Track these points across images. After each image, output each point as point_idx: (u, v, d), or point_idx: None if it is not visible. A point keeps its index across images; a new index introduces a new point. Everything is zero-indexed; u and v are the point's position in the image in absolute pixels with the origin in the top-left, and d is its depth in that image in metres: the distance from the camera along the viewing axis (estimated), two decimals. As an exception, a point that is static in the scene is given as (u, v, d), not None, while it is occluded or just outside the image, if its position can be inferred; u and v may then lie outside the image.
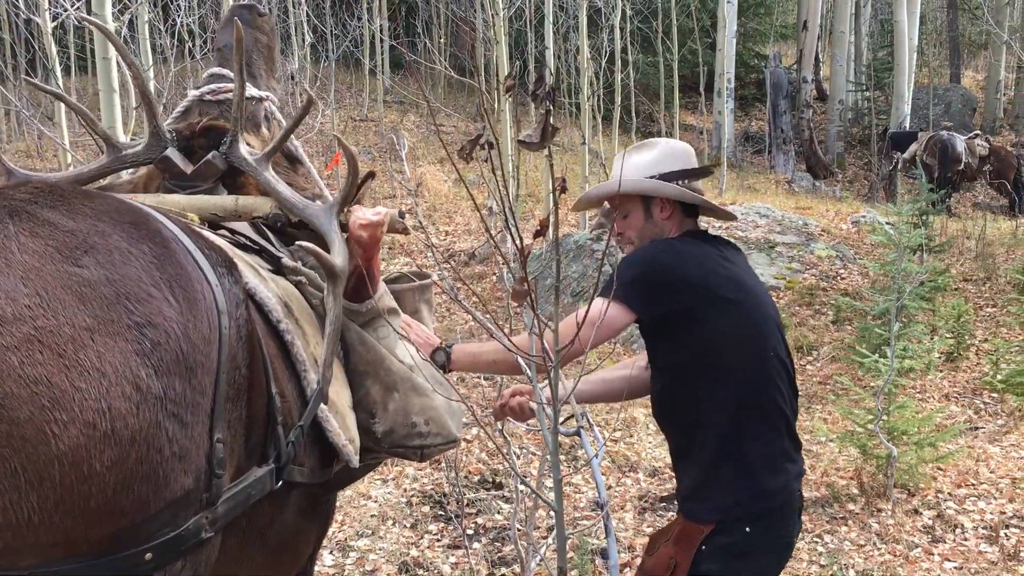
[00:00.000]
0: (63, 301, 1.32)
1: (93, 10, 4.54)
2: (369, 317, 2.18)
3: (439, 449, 2.24)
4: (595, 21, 12.83)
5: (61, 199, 1.49)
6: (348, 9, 16.30)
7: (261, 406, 1.72)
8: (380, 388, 2.14)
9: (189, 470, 1.44)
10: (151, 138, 2.14)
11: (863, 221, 11.03)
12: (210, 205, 2.09)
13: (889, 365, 4.98)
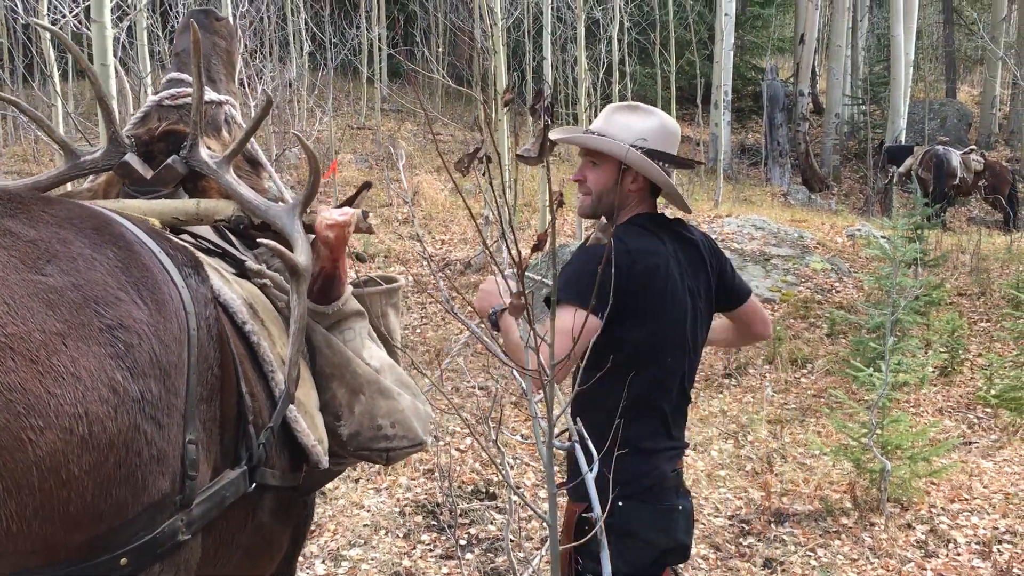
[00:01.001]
0: (31, 308, 1.31)
1: (92, 16, 4.55)
2: (335, 319, 2.18)
3: (405, 452, 2.24)
4: (593, 32, 12.88)
5: (21, 207, 1.48)
6: (347, 17, 16.34)
7: (232, 405, 1.72)
8: (346, 391, 2.14)
9: (166, 472, 1.44)
10: (110, 144, 2.13)
11: (858, 234, 11.06)
12: (171, 209, 2.07)
13: (883, 379, 4.99)
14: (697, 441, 5.91)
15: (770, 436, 6.07)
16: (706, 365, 7.74)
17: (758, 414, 6.45)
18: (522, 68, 14.08)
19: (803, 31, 18.74)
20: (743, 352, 7.82)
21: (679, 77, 15.51)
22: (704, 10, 19.29)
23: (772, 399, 6.88)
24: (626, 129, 2.32)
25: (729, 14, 16.64)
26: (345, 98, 18.19)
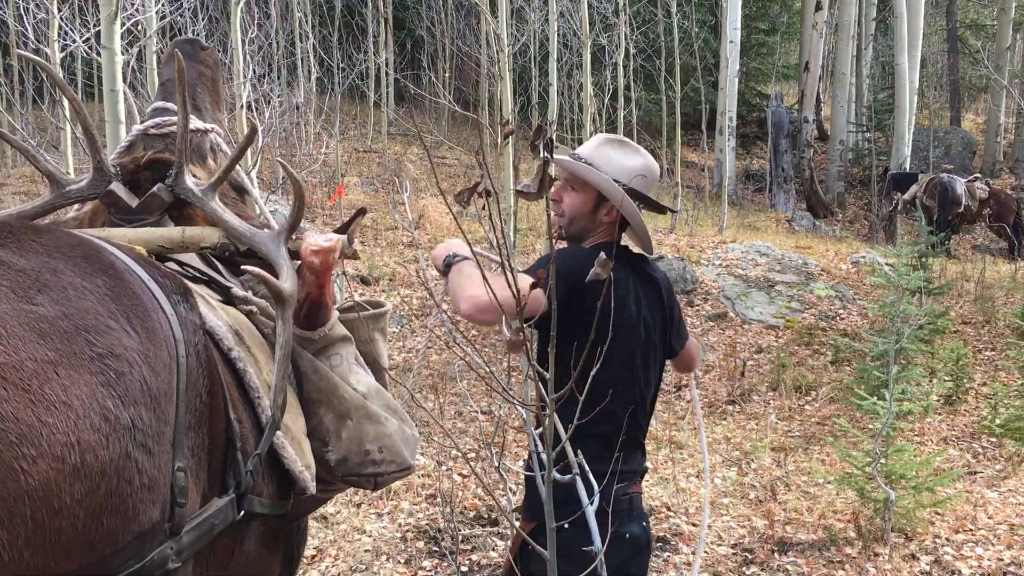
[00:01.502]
0: (22, 337, 1.31)
1: (102, 42, 4.59)
2: (322, 345, 2.18)
3: (393, 477, 2.23)
4: (599, 59, 12.95)
5: (11, 236, 1.48)
6: (355, 42, 16.46)
7: (220, 432, 1.72)
8: (333, 416, 2.13)
9: (156, 500, 1.44)
10: (95, 173, 2.14)
11: (863, 261, 11.06)
12: (157, 237, 2.08)
13: (887, 408, 4.97)
14: (700, 468, 5.89)
15: (774, 464, 6.04)
16: (709, 392, 7.73)
17: (762, 441, 6.43)
18: (528, 93, 14.16)
19: (808, 58, 18.83)
20: (747, 379, 7.80)
21: (684, 103, 15.57)
22: (709, 37, 19.41)
23: (776, 426, 6.86)
24: (613, 164, 2.36)
25: (734, 41, 16.74)
26: (352, 121, 18.30)
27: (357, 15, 17.54)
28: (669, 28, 15.08)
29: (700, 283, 9.91)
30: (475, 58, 16.10)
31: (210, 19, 10.99)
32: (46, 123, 12.55)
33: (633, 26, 13.96)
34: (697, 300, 9.59)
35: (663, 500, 5.35)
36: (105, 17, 4.46)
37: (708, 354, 8.51)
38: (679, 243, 11.85)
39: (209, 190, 2.09)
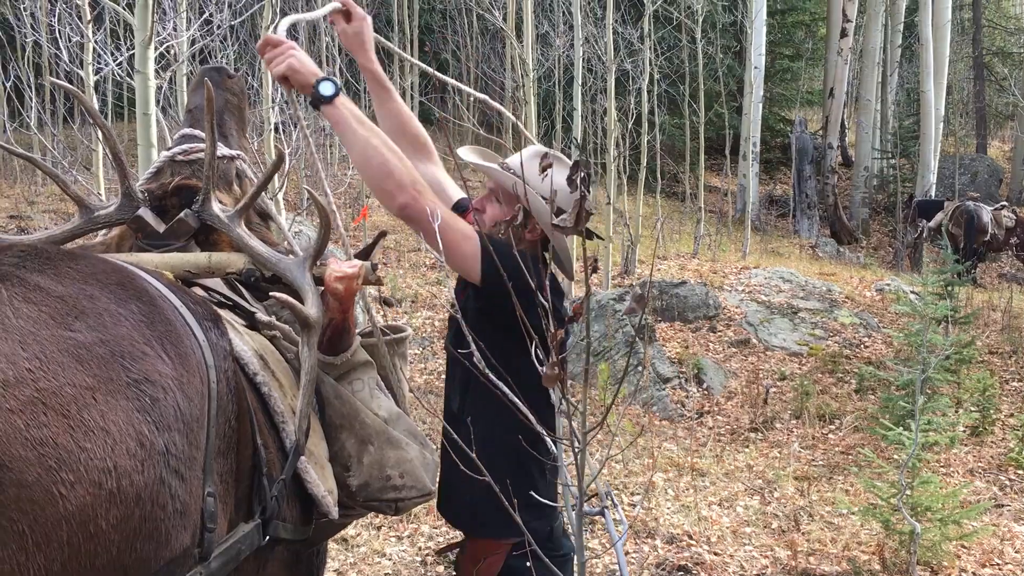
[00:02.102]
0: (62, 363, 1.33)
1: (136, 67, 4.67)
2: (344, 370, 2.20)
3: (413, 502, 2.22)
4: (623, 83, 13.00)
5: (48, 262, 1.51)
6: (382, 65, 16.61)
7: (248, 457, 1.74)
8: (355, 441, 2.14)
9: (188, 526, 1.45)
10: (123, 198, 2.16)
11: (887, 289, 10.98)
12: (183, 262, 2.10)
13: (913, 439, 4.92)
14: (723, 496, 5.85)
15: (797, 493, 5.98)
16: (732, 418, 7.68)
17: (785, 470, 6.38)
18: (552, 118, 14.23)
19: (832, 84, 18.82)
20: (770, 406, 7.75)
21: (707, 128, 15.59)
22: (734, 63, 19.44)
23: (799, 455, 6.80)
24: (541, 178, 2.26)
25: (758, 67, 16.76)
26: (376, 143, 18.43)
27: (384, 38, 17.69)
28: (693, 54, 15.13)
29: (723, 309, 9.88)
30: (500, 82, 16.21)
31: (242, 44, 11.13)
32: (76, 142, 12.74)
33: (658, 51, 14.02)
34: (720, 326, 9.55)
35: (684, 528, 5.31)
36: (139, 42, 4.54)
37: (730, 380, 8.47)
38: (702, 268, 11.83)
39: (235, 216, 2.11)
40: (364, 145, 2.08)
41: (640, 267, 12.14)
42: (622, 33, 12.77)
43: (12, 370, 1.28)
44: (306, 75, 2.11)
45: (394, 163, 2.07)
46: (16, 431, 1.24)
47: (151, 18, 4.50)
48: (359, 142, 2.09)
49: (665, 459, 6.50)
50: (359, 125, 2.10)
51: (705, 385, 8.27)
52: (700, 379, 8.34)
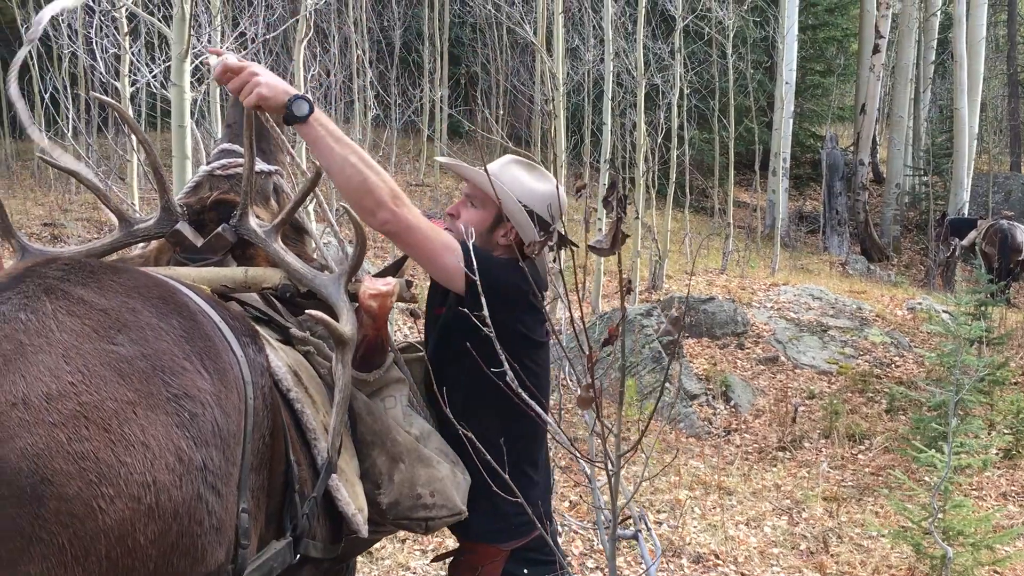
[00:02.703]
0: (104, 377, 1.34)
1: (172, 79, 4.73)
2: (377, 387, 2.19)
3: (444, 522, 2.21)
4: (652, 98, 12.99)
5: (91, 276, 1.53)
6: (410, 77, 16.72)
7: (280, 474, 1.74)
8: (386, 459, 2.13)
9: (223, 542, 1.45)
10: (163, 212, 2.18)
11: (919, 308, 10.85)
12: (220, 277, 2.11)
13: (946, 462, 4.84)
14: (750, 516, 5.79)
15: (826, 514, 5.91)
16: (760, 436, 7.61)
17: (813, 490, 6.30)
18: (581, 132, 14.23)
19: (864, 101, 18.68)
20: (798, 425, 7.67)
21: (737, 143, 15.53)
22: (764, 79, 19.36)
23: (828, 475, 6.72)
24: (519, 184, 2.27)
25: (789, 82, 16.68)
26: (405, 155, 18.54)
27: (414, 51, 17.83)
28: (724, 69, 15.09)
29: (751, 325, 9.80)
30: (528, 95, 16.25)
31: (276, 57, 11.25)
32: (110, 151, 12.90)
33: (688, 66, 13.99)
34: (748, 343, 9.47)
35: (711, 548, 5.26)
36: (176, 55, 4.60)
37: (758, 398, 8.39)
38: (730, 284, 11.76)
39: (272, 232, 2.12)
40: (342, 164, 2.03)
41: (668, 282, 12.09)
42: (652, 48, 12.77)
43: (55, 383, 1.29)
44: (277, 98, 2.02)
45: (373, 180, 2.03)
46: (58, 445, 1.25)
47: (188, 32, 4.55)
48: (336, 161, 2.03)
49: (692, 477, 6.45)
50: (336, 143, 2.04)
51: (733, 402, 8.21)
52: (728, 396, 8.28)
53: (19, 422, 1.25)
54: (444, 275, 2.14)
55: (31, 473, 1.23)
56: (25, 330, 1.35)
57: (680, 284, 11.96)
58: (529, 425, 2.15)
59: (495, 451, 1.89)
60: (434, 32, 17.48)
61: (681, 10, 12.05)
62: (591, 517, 5.53)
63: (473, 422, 1.97)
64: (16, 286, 1.43)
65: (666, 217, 13.42)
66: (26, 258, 1.92)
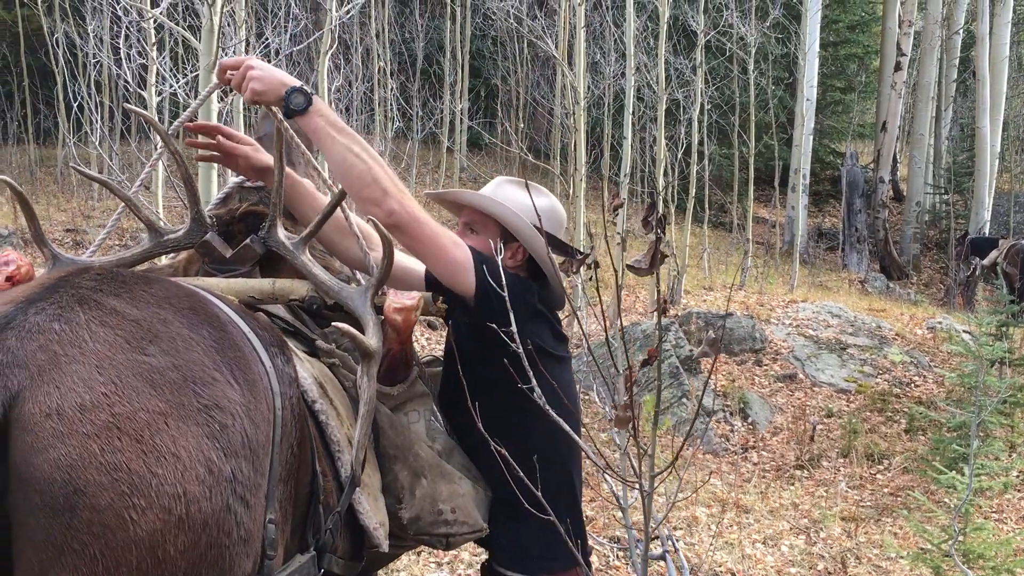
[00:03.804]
0: (136, 388, 1.35)
1: (200, 90, 4.77)
2: (400, 401, 2.19)
3: (465, 538, 2.20)
4: (673, 113, 13.00)
5: (123, 286, 1.54)
6: (431, 89, 16.79)
7: (306, 485, 1.74)
8: (408, 473, 2.12)
9: (250, 554, 1.46)
10: (192, 223, 2.18)
11: (939, 327, 10.77)
12: (248, 288, 2.12)
13: (966, 484, 4.80)
14: (767, 534, 5.75)
15: (844, 534, 5.87)
16: (777, 454, 7.57)
17: (831, 509, 6.26)
18: (600, 145, 14.25)
19: (885, 118, 18.60)
20: (816, 443, 7.63)
21: (757, 159, 15.50)
22: (785, 95, 19.32)
23: (846, 494, 6.67)
24: (517, 202, 2.24)
25: (810, 99, 16.64)
26: (424, 166, 18.60)
27: (435, 63, 17.91)
28: (745, 84, 15.08)
29: (769, 342, 9.76)
30: (548, 108, 16.28)
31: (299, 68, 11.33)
32: (133, 158, 13.01)
33: (709, 82, 13.99)
34: (766, 360, 9.43)
35: (728, 566, 5.23)
36: (204, 67, 4.64)
37: (776, 415, 8.35)
38: (748, 300, 11.71)
39: (300, 244, 2.13)
40: (343, 153, 1.99)
41: (686, 297, 12.06)
42: (674, 63, 12.78)
43: (89, 394, 1.30)
44: (273, 90, 1.99)
45: (376, 169, 2.00)
46: (91, 456, 1.26)
47: (216, 43, 4.60)
48: (338, 150, 1.99)
49: (708, 494, 6.42)
50: (338, 133, 2.00)
51: (750, 419, 8.17)
52: (745, 413, 8.24)
53: (53, 432, 1.26)
54: (452, 269, 2.08)
55: (64, 484, 1.24)
56: (59, 340, 1.36)
57: (698, 299, 11.93)
58: (545, 441, 2.11)
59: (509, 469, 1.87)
60: (455, 45, 17.57)
61: (703, 26, 12.06)
62: (607, 532, 5.52)
63: (493, 437, 1.96)
64: (50, 296, 1.44)
65: (685, 232, 13.40)
66: (57, 267, 1.93)
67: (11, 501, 1.25)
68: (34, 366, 1.31)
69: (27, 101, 16.84)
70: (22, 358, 1.31)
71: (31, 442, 1.25)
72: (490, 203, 2.23)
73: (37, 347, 1.34)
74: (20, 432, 1.26)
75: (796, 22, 16.36)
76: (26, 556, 1.25)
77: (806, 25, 15.47)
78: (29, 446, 1.25)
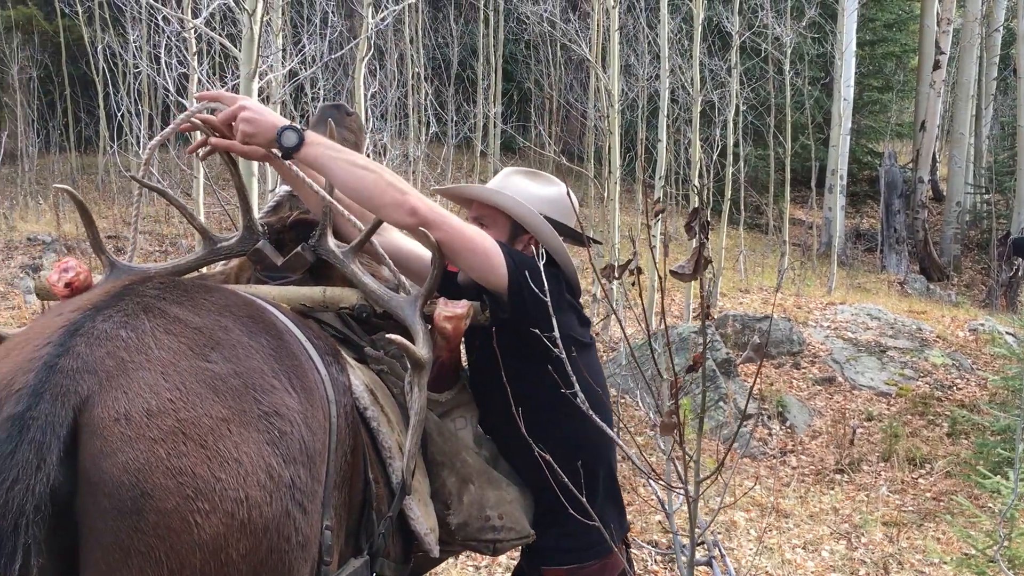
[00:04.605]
0: (200, 394, 1.38)
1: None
2: (448, 407, 2.21)
3: (511, 544, 2.21)
4: (708, 115, 12.92)
5: (185, 294, 1.58)
6: (464, 93, 16.86)
7: (359, 492, 1.76)
8: (456, 479, 2.14)
9: (308, 559, 1.48)
10: (245, 231, 2.22)
11: (981, 329, 10.60)
12: (299, 296, 2.14)
13: (1012, 488, 4.72)
14: (807, 539, 5.70)
15: (886, 539, 5.80)
16: (816, 458, 7.49)
17: (872, 514, 6.19)
18: (635, 148, 14.22)
19: (924, 117, 18.35)
20: (856, 447, 7.54)
21: (793, 160, 15.36)
22: (821, 95, 19.14)
23: (888, 499, 6.59)
24: (526, 193, 2.23)
25: (847, 99, 16.45)
26: (458, 171, 18.67)
27: (469, 68, 17.98)
28: (781, 85, 14.96)
29: (807, 345, 9.67)
30: (582, 111, 16.27)
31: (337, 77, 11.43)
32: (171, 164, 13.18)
33: (744, 83, 13.90)
34: (804, 363, 9.34)
35: (767, 571, 5.20)
36: (244, 75, 4.70)
37: (815, 419, 8.27)
38: (785, 303, 11.61)
39: (350, 252, 2.16)
40: (349, 169, 1.97)
41: (722, 300, 11.98)
42: (709, 64, 12.71)
43: (155, 400, 1.34)
44: (264, 132, 1.96)
45: (386, 175, 1.98)
46: (158, 460, 1.29)
47: (256, 52, 4.66)
48: (343, 169, 1.97)
49: (747, 498, 6.37)
50: (337, 153, 1.98)
51: (788, 423, 8.10)
52: (783, 416, 8.17)
53: (121, 437, 1.29)
54: (485, 260, 2.05)
55: (132, 487, 1.27)
56: (126, 347, 1.39)
57: (734, 302, 11.85)
58: (581, 432, 2.09)
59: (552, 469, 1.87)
60: (488, 49, 17.61)
61: (738, 27, 11.99)
62: (644, 536, 5.50)
63: (532, 438, 1.96)
64: (116, 304, 1.49)
65: (720, 234, 13.32)
66: (115, 273, 1.98)
67: (80, 503, 1.28)
68: (103, 372, 1.35)
69: (68, 110, 17.17)
70: (91, 364, 1.35)
71: (100, 446, 1.29)
72: (498, 196, 2.21)
73: (105, 353, 1.37)
74: (90, 436, 1.30)
75: (832, 21, 16.20)
76: (94, 558, 1.28)
77: (842, 24, 15.29)
78: (99, 450, 1.29)
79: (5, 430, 1.25)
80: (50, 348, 1.36)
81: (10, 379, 1.33)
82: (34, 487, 1.22)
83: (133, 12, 9.86)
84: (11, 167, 16.12)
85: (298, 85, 9.14)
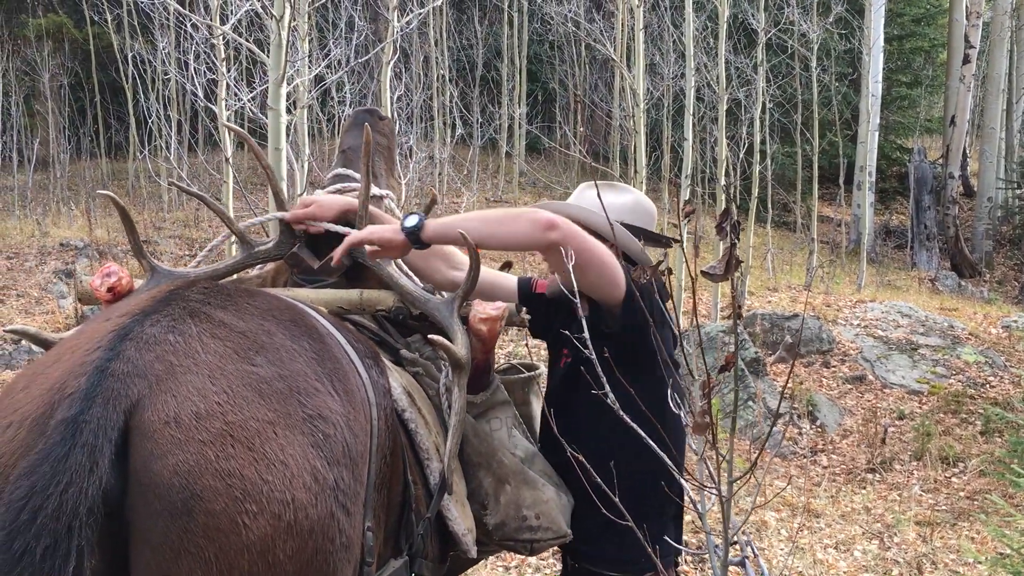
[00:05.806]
0: (246, 397, 1.40)
1: (269, 103, 4.88)
2: (483, 408, 2.23)
3: (548, 544, 2.23)
4: (734, 112, 12.86)
5: (229, 299, 1.61)
6: (489, 94, 16.89)
7: (398, 493, 1.78)
8: (492, 480, 2.16)
9: (351, 560, 1.50)
10: (282, 235, 2.25)
11: (1015, 326, 10.46)
12: (336, 298, 2.17)
13: (1048, 487, 4.66)
14: (839, 539, 5.66)
15: (919, 539, 5.74)
16: (847, 458, 7.44)
17: (905, 514, 6.13)
18: (660, 147, 14.18)
19: (954, 112, 18.13)
20: (888, 446, 7.48)
21: (821, 157, 15.24)
22: (849, 91, 18.97)
23: (920, 498, 6.53)
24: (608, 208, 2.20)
25: (875, 95, 16.30)
26: (483, 171, 18.70)
27: (493, 69, 18.01)
28: (807, 82, 14.85)
29: (837, 343, 9.59)
30: (607, 110, 16.24)
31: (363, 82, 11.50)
32: (200, 169, 13.32)
33: (771, 80, 13.81)
34: (834, 361, 9.27)
35: (799, 571, 5.17)
36: (272, 81, 4.75)
37: (845, 418, 8.21)
38: (814, 301, 11.53)
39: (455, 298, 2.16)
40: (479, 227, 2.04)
41: (750, 298, 11.92)
42: (734, 62, 12.65)
43: (203, 403, 1.36)
44: (394, 238, 2.09)
45: (509, 210, 2.05)
46: (207, 462, 1.32)
47: (284, 58, 4.70)
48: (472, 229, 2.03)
49: (777, 498, 6.34)
50: (462, 221, 2.07)
51: (819, 422, 8.04)
52: (813, 416, 8.11)
53: (171, 439, 1.32)
54: (611, 277, 2.08)
55: (182, 488, 1.30)
56: (174, 351, 1.42)
57: (762, 300, 11.78)
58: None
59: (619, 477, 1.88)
60: (513, 50, 17.64)
61: (764, 24, 11.92)
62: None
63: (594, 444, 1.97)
64: (163, 309, 1.52)
65: (748, 233, 13.24)
66: (155, 278, 2.02)
67: (130, 504, 1.31)
68: (152, 375, 1.38)
69: (99, 116, 17.38)
70: (141, 368, 1.38)
71: (151, 448, 1.32)
72: (575, 210, 2.25)
73: (154, 357, 1.40)
74: (140, 439, 1.32)
75: (859, 17, 16.05)
76: (144, 559, 1.31)
77: (870, 19, 15.15)
78: (149, 452, 1.31)
79: (59, 433, 1.28)
80: (101, 352, 1.39)
81: (62, 383, 1.36)
82: (87, 490, 1.24)
83: (162, 19, 9.99)
84: (43, 173, 16.36)
85: (325, 89, 9.21)
